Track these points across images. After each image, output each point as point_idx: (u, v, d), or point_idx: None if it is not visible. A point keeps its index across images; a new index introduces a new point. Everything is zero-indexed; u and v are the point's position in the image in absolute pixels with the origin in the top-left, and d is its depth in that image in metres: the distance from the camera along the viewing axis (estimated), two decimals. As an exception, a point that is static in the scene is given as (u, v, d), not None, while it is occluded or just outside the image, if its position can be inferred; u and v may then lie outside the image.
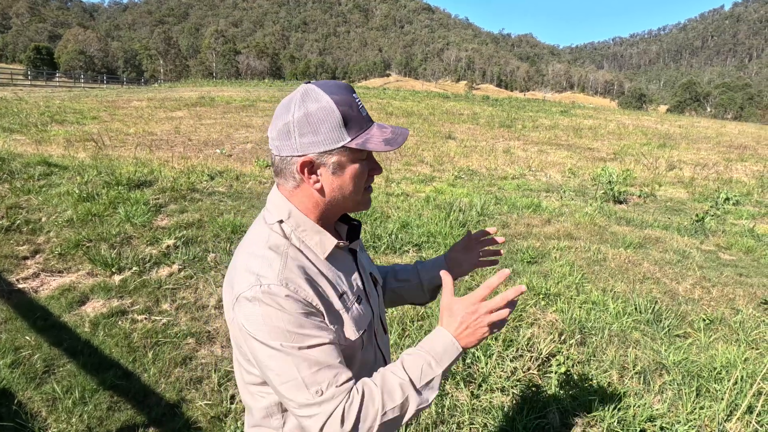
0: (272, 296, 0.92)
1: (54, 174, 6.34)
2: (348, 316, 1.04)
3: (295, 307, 0.93)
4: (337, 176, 1.00)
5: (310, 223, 1.04)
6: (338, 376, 0.93)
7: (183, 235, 4.79)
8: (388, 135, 1.00)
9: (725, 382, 3.01)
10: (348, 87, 1.01)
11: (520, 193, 8.54)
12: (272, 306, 0.92)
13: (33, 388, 2.81)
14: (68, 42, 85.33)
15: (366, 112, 1.02)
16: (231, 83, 38.52)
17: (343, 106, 0.96)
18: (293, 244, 1.03)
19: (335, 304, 1.02)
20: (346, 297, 1.05)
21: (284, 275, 0.95)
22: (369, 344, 1.13)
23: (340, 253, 1.11)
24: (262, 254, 0.99)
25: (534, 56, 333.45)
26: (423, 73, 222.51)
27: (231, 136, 12.72)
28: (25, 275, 4.05)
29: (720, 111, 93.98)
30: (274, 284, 0.93)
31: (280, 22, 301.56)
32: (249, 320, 0.94)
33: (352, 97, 0.99)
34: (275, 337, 0.92)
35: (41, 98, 19.60)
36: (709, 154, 15.18)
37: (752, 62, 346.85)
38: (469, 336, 0.99)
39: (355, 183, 1.02)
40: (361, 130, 0.98)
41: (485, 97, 34.26)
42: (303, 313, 0.93)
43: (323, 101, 0.95)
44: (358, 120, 0.98)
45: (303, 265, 1.00)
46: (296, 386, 0.92)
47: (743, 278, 4.89)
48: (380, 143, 0.98)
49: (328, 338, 0.95)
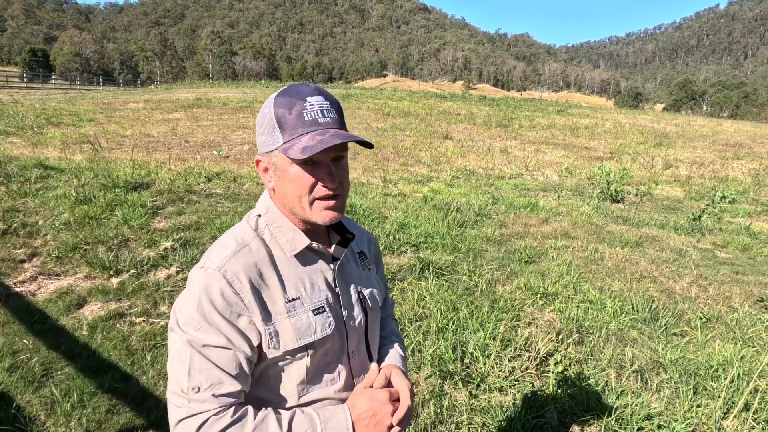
0: (205, 279, 0.95)
1: (51, 177, 6.33)
2: (289, 323, 0.99)
3: (219, 299, 0.94)
4: (280, 178, 1.01)
5: (285, 221, 1.05)
6: (222, 386, 0.92)
7: (180, 237, 4.78)
8: (312, 142, 0.93)
9: (722, 380, 3.03)
10: (308, 91, 0.98)
11: (518, 193, 8.56)
12: (200, 289, 0.95)
13: (31, 391, 2.80)
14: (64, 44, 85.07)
15: (320, 117, 0.96)
16: (228, 84, 38.48)
17: (281, 109, 0.96)
18: (263, 238, 1.04)
19: (276, 306, 0.99)
20: (297, 303, 1.01)
21: (228, 263, 0.97)
22: (333, 363, 1.08)
23: (315, 258, 1.08)
24: (224, 242, 1.02)
25: (530, 56, 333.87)
26: (420, 73, 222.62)
27: (228, 137, 12.70)
28: (22, 278, 4.05)
29: (716, 109, 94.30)
30: (212, 269, 0.96)
31: (277, 23, 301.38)
32: (181, 295, 0.99)
33: (300, 101, 0.96)
34: (187, 321, 0.94)
35: (37, 100, 19.55)
36: (705, 153, 15.23)
37: (747, 60, 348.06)
38: (368, 427, 0.97)
39: (294, 188, 0.99)
40: (293, 135, 0.95)
41: (482, 97, 34.30)
42: (223, 306, 0.94)
43: (269, 104, 0.99)
44: (293, 124, 0.95)
45: (259, 259, 1.00)
46: (181, 372, 0.92)
47: (739, 276, 4.91)
48: (297, 150, 0.93)
49: (233, 345, 0.94)
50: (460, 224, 5.95)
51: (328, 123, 0.97)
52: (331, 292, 1.08)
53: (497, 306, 3.82)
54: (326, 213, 1.01)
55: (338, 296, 1.09)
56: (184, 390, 0.91)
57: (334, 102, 1.01)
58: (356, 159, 10.86)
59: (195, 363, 0.92)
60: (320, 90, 1.00)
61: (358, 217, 5.80)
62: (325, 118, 0.97)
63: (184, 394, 0.91)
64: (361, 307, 1.14)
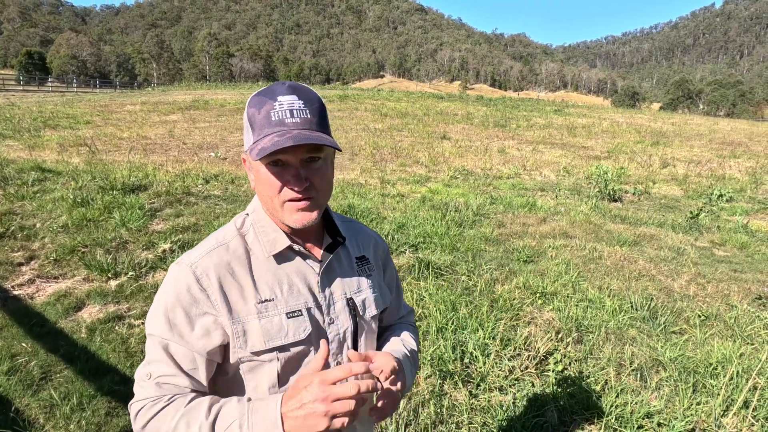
0: (176, 273, 0.98)
1: (48, 179, 6.31)
2: (258, 323, 0.97)
3: (185, 294, 0.96)
4: (255, 178, 1.01)
5: (269, 221, 1.05)
6: (171, 377, 0.94)
7: (179, 239, 4.78)
8: (269, 144, 0.91)
9: (721, 377, 3.03)
10: (281, 91, 0.96)
11: (516, 193, 8.57)
12: (170, 283, 0.98)
13: (30, 395, 2.79)
14: (60, 47, 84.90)
15: (287, 117, 0.93)
16: (225, 86, 38.42)
17: (251, 109, 0.97)
18: (245, 237, 1.04)
19: (247, 305, 0.98)
20: (270, 304, 0.99)
21: (201, 260, 0.98)
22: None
23: (297, 260, 1.05)
24: (207, 240, 1.04)
25: (527, 56, 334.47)
26: (417, 73, 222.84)
27: (225, 139, 12.69)
28: (20, 282, 4.04)
29: (712, 108, 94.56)
30: (185, 264, 0.98)
31: (273, 25, 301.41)
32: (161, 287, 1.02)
33: (270, 101, 0.94)
34: (154, 313, 0.98)
35: (34, 103, 19.50)
36: (702, 151, 15.27)
37: (743, 59, 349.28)
38: (299, 420, 0.82)
39: (265, 188, 0.98)
40: (259, 136, 0.94)
41: (479, 97, 34.32)
42: (188, 302, 0.96)
43: (247, 103, 1.00)
44: (261, 124, 0.94)
45: (234, 258, 1.00)
46: (146, 359, 0.97)
47: (738, 274, 4.92)
48: (256, 152, 0.92)
49: (189, 343, 0.95)
50: (459, 224, 5.95)
51: (296, 123, 0.93)
52: (313, 297, 1.04)
53: (496, 305, 3.82)
54: (298, 215, 0.98)
55: (319, 301, 1.05)
56: (140, 375, 0.96)
57: (313, 101, 0.97)
58: (354, 160, 10.87)
59: (153, 353, 0.96)
60: (296, 88, 0.97)
61: (356, 218, 5.79)
62: (294, 118, 0.94)
63: (139, 379, 0.96)
64: (350, 314, 1.09)
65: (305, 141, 0.90)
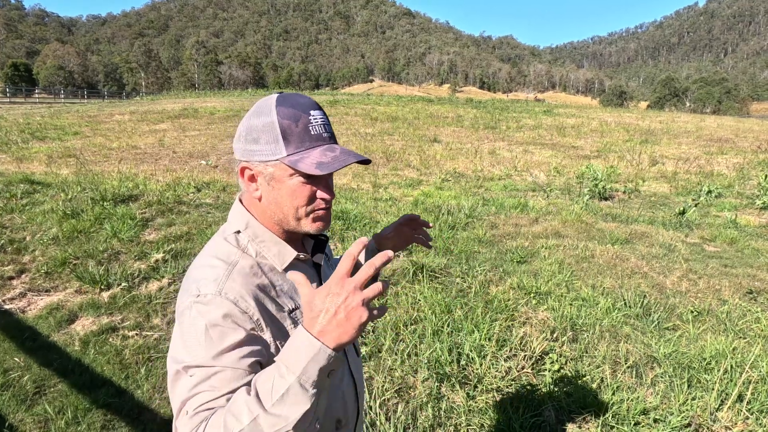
0: (205, 308, 0.90)
1: (37, 192, 6.26)
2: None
3: (228, 323, 0.89)
4: (273, 189, 0.99)
5: (268, 234, 1.03)
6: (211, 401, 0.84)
7: (171, 248, 4.75)
8: (326, 159, 0.94)
9: (715, 372, 3.06)
10: (309, 104, 0.98)
11: (507, 194, 8.61)
12: (202, 320, 0.89)
13: (24, 410, 2.76)
14: (47, 57, 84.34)
15: (323, 132, 0.98)
16: (214, 94, 38.33)
17: (286, 120, 0.95)
18: (248, 254, 1.01)
19: (282, 319, 0.99)
20: (298, 312, 1.02)
21: (225, 285, 0.93)
22: None
23: (302, 266, 1.08)
24: (209, 263, 0.98)
25: (515, 57, 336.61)
26: (406, 77, 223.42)
27: (216, 147, 12.65)
28: (11, 296, 3.99)
29: (699, 105, 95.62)
30: (210, 295, 0.91)
31: (261, 32, 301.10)
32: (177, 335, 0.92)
33: (305, 114, 0.96)
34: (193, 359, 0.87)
35: (21, 115, 19.33)
36: (690, 148, 15.43)
37: (728, 57, 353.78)
38: (342, 324, 0.78)
39: (291, 200, 0.98)
40: (299, 148, 0.95)
41: (469, 100, 34.49)
42: (233, 329, 0.89)
43: (271, 113, 0.97)
44: (300, 137, 0.95)
45: (253, 276, 0.98)
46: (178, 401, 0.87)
47: (728, 269, 4.98)
48: (311, 165, 0.93)
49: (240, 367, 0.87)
50: (452, 226, 5.97)
51: (330, 137, 1.00)
52: None
53: (491, 307, 3.84)
54: (318, 223, 1.02)
55: None
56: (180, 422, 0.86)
57: (326, 116, 1.03)
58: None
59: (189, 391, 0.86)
60: (316, 103, 1.01)
61: (349, 223, 5.79)
62: (327, 132, 0.99)
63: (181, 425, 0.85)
64: None
65: (360, 158, 0.99)
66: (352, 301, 0.78)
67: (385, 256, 0.80)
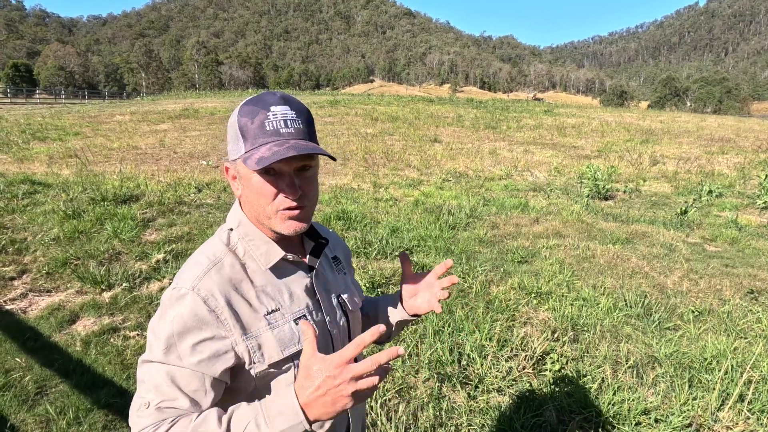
0: (177, 300, 0.93)
1: (38, 192, 6.27)
2: (271, 334, 0.98)
3: (193, 319, 0.92)
4: (245, 187, 1.00)
5: (258, 233, 1.03)
6: (172, 401, 0.89)
7: (172, 248, 4.76)
8: (268, 153, 0.91)
9: (716, 372, 3.06)
10: (274, 101, 0.97)
11: (508, 194, 8.61)
12: (172, 311, 0.93)
13: (26, 410, 2.76)
14: (47, 58, 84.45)
15: (282, 127, 0.95)
16: (214, 94, 38.33)
17: (244, 118, 0.96)
18: (236, 252, 1.02)
19: (256, 320, 0.97)
20: (278, 314, 1.00)
21: (201, 282, 0.94)
22: None
23: (291, 268, 1.07)
24: (196, 260, 1.00)
25: (516, 57, 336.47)
26: (407, 77, 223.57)
27: (216, 147, 12.65)
28: (12, 296, 4.00)
29: (699, 105, 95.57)
30: (185, 289, 0.94)
31: (262, 32, 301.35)
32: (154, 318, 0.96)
33: (263, 111, 0.95)
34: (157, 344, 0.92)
35: (22, 115, 19.36)
36: (690, 148, 15.42)
37: (728, 56, 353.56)
38: (326, 406, 0.81)
39: (257, 197, 0.98)
40: (254, 145, 0.94)
41: (469, 100, 34.48)
42: (197, 326, 0.92)
43: (235, 113, 0.98)
44: (254, 134, 0.95)
45: (233, 275, 0.98)
46: (142, 390, 0.92)
47: (729, 269, 4.97)
48: (254, 161, 0.92)
49: (200, 367, 0.91)
50: (452, 227, 5.97)
51: (291, 133, 0.95)
52: (311, 300, 1.07)
53: (492, 307, 3.84)
54: (290, 223, 1.00)
55: (319, 303, 1.08)
56: (136, 407, 0.91)
57: (302, 111, 0.99)
58: (346, 165, 10.87)
59: (152, 381, 0.91)
60: (287, 99, 0.98)
61: (350, 223, 5.80)
62: (288, 128, 0.95)
63: (136, 410, 0.90)
64: (342, 311, 1.15)
65: (307, 151, 0.92)
66: (343, 389, 0.80)
67: (394, 351, 0.81)
